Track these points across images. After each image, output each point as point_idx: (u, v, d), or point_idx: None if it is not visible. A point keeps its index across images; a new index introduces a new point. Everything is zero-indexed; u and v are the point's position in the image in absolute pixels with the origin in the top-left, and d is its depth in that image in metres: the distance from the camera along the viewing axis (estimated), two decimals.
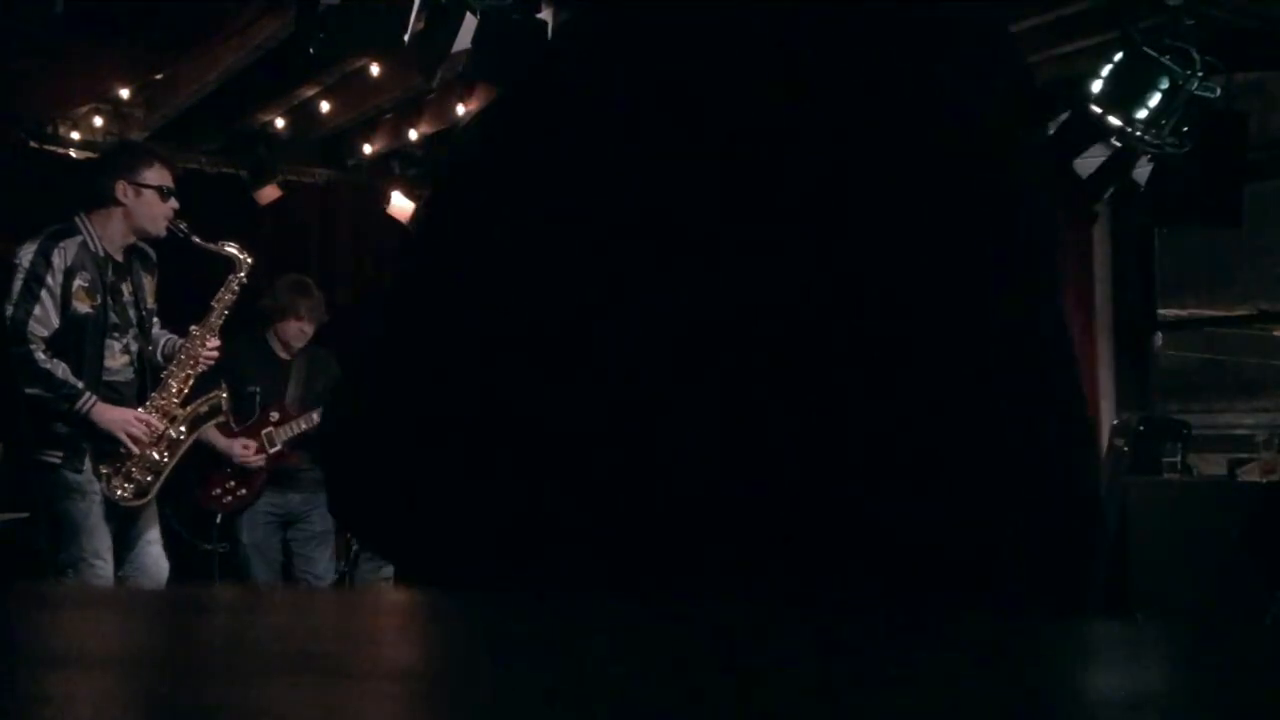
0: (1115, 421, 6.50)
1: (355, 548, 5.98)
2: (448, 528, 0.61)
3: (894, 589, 0.55)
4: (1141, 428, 6.20)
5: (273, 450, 5.08)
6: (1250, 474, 5.77)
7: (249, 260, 4.19)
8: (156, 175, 3.98)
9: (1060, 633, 0.52)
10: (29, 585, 2.26)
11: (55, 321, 3.80)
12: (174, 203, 4.00)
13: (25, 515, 4.78)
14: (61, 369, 3.78)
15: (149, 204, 3.96)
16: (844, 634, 0.45)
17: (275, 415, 5.15)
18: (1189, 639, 0.51)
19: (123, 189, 3.93)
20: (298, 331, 5.21)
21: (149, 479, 3.99)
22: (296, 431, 5.11)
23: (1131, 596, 5.90)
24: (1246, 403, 7.26)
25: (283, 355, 5.26)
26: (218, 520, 5.06)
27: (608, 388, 0.55)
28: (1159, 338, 6.98)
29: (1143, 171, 5.21)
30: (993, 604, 0.58)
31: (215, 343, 4.14)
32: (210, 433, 4.80)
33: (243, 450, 5.00)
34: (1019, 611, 0.56)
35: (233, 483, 5.08)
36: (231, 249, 4.17)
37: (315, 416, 5.07)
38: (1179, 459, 6.12)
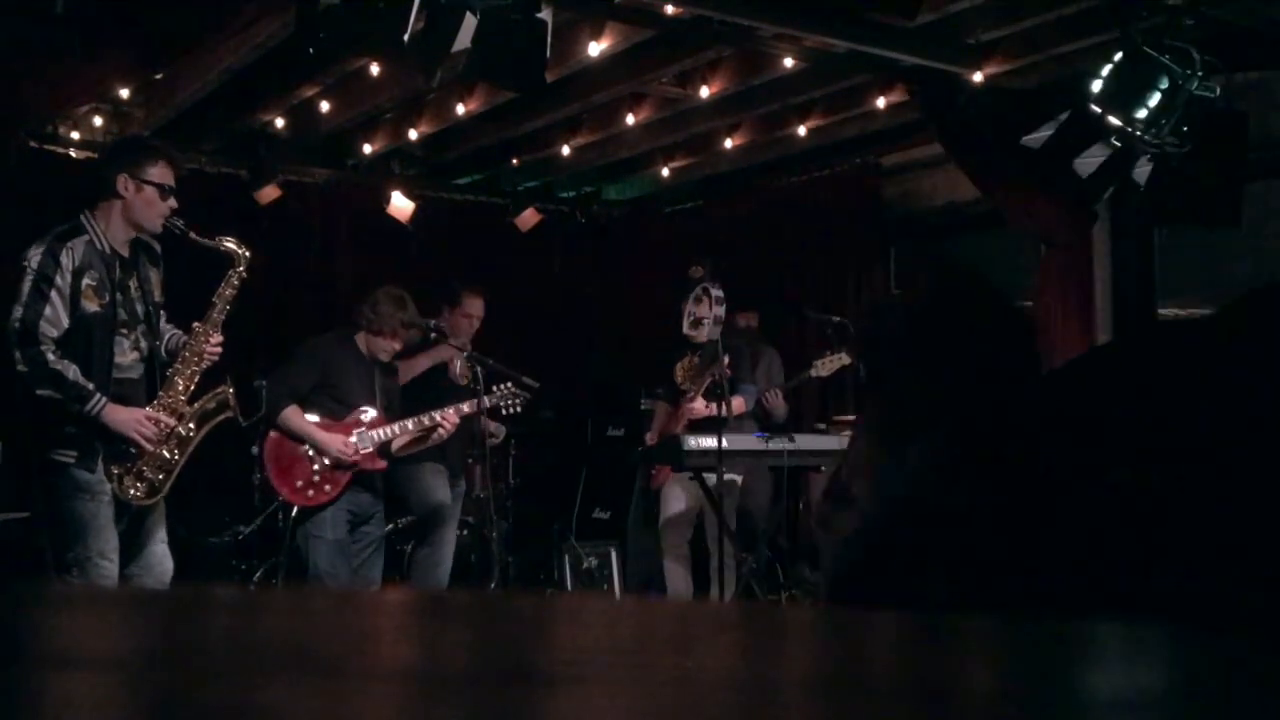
0: None
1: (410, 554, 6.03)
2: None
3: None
4: None
5: (365, 451, 5.18)
6: None
7: (248, 254, 4.14)
8: (159, 173, 3.97)
9: (1060, 633, 0.52)
10: (29, 585, 2.26)
11: (65, 321, 3.79)
12: (173, 202, 3.98)
13: (25, 515, 4.78)
14: (72, 370, 3.77)
15: (147, 201, 3.95)
16: (852, 637, 0.45)
17: (368, 417, 5.24)
18: (1189, 639, 0.51)
19: (123, 182, 3.92)
20: (388, 347, 5.33)
21: (160, 477, 3.99)
22: (386, 438, 5.23)
23: None
24: None
25: (368, 360, 5.36)
26: (293, 513, 5.11)
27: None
28: None
29: (1143, 171, 5.21)
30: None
31: (218, 338, 4.10)
32: (299, 420, 5.06)
33: (344, 447, 5.11)
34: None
35: (319, 478, 5.14)
36: (230, 244, 4.13)
37: (410, 425, 5.24)
38: None
